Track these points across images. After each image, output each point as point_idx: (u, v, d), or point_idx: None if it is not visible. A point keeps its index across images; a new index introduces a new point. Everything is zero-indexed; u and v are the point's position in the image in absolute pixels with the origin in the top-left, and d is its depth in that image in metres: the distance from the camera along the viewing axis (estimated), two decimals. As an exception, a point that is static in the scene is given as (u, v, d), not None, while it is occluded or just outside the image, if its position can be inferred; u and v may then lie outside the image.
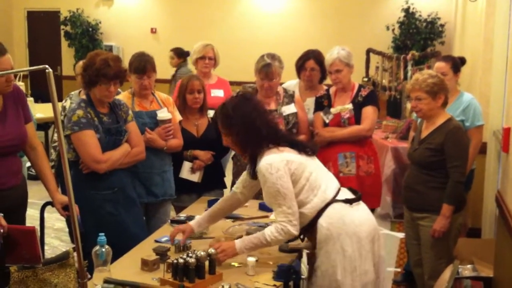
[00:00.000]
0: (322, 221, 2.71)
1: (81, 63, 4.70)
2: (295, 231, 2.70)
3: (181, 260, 2.47)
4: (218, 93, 4.69)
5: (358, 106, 4.05)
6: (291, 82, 4.53)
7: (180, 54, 7.95)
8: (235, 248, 2.74)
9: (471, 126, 3.96)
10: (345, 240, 2.68)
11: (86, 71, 3.27)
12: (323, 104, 4.15)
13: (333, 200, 2.74)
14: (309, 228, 2.77)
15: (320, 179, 2.78)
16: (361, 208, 2.82)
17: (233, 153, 4.25)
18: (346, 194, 2.82)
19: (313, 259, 2.77)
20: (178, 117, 3.93)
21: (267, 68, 3.86)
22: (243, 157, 2.95)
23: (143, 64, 3.71)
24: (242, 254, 2.75)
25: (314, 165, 2.82)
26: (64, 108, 4.60)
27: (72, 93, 4.67)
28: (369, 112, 4.05)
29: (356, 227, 2.70)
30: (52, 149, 4.92)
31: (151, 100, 3.85)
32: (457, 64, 4.13)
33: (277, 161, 2.68)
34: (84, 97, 3.41)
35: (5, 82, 2.90)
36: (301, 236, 2.84)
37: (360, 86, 4.17)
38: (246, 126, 2.75)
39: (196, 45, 4.85)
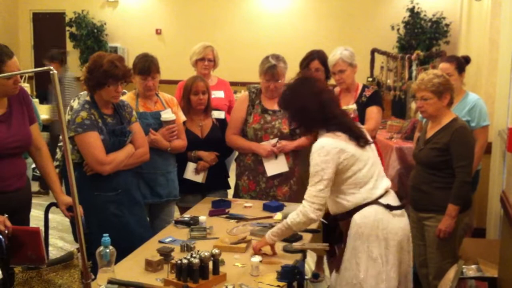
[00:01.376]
0: (357, 217, 2.74)
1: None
2: (314, 215, 2.74)
3: (185, 261, 2.47)
4: (218, 94, 4.68)
5: (362, 106, 4.04)
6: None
7: (53, 58, 6.94)
8: (265, 238, 2.88)
9: (477, 127, 3.94)
10: (374, 243, 2.71)
11: (92, 74, 3.26)
12: None
13: (375, 202, 2.76)
14: (343, 219, 2.81)
15: (369, 177, 2.78)
16: (400, 217, 2.82)
17: (236, 154, 4.25)
18: (391, 199, 2.83)
19: (341, 252, 2.81)
20: (182, 117, 3.94)
21: (273, 70, 3.86)
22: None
23: (147, 65, 3.71)
24: (274, 243, 2.89)
25: (367, 159, 2.79)
26: (71, 108, 4.61)
27: (81, 93, 4.68)
28: (373, 112, 4.04)
29: (387, 233, 2.72)
30: (58, 148, 4.93)
31: (155, 101, 3.86)
32: (462, 64, 4.12)
33: (330, 146, 2.72)
34: (88, 98, 3.41)
35: (12, 84, 2.91)
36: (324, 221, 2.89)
37: (364, 86, 4.16)
38: (303, 105, 2.81)
39: (196, 46, 4.83)
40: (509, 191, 3.31)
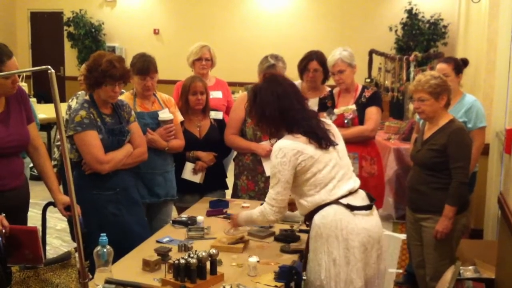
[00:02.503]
0: (316, 218, 2.72)
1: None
2: (273, 218, 2.81)
3: (182, 261, 2.47)
4: (216, 95, 4.68)
5: (361, 107, 4.05)
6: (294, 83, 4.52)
7: None
8: (237, 218, 3.04)
9: (474, 128, 3.95)
10: (333, 244, 2.67)
11: (91, 72, 3.26)
12: (326, 104, 4.15)
13: (335, 202, 2.72)
14: (308, 220, 2.80)
15: (329, 178, 2.74)
16: (365, 217, 2.75)
17: (235, 154, 4.26)
18: (356, 198, 2.77)
19: (306, 254, 2.81)
20: (180, 117, 3.94)
21: (272, 69, 3.86)
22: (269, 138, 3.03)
23: (146, 65, 3.71)
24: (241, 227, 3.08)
25: (328, 161, 2.75)
26: (69, 107, 4.61)
27: (79, 92, 4.68)
28: (372, 112, 4.04)
29: (348, 234, 2.67)
30: (56, 148, 4.93)
31: (153, 101, 3.86)
32: (459, 65, 4.13)
33: (287, 148, 2.71)
34: (87, 97, 3.41)
35: (11, 84, 2.90)
36: (306, 223, 2.88)
37: (364, 87, 4.17)
38: (262, 111, 2.82)
39: (192, 46, 4.81)
40: (507, 193, 3.32)
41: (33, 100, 6.79)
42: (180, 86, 4.38)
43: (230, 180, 4.23)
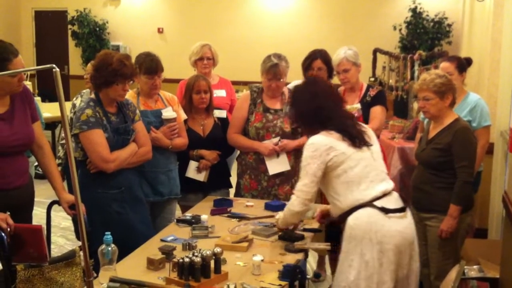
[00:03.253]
0: (350, 220, 2.74)
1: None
2: (297, 207, 2.87)
3: (186, 259, 2.47)
4: (220, 93, 4.68)
5: (366, 106, 4.05)
6: (296, 82, 4.51)
7: None
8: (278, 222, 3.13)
9: (478, 127, 3.94)
10: (367, 246, 2.68)
11: (99, 72, 3.27)
12: None
13: (368, 204, 2.72)
14: (342, 220, 2.80)
15: (362, 176, 2.76)
16: (399, 219, 2.76)
17: (238, 153, 4.26)
18: (390, 201, 2.78)
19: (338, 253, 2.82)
20: (183, 116, 3.94)
21: (275, 69, 3.86)
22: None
23: (154, 65, 3.73)
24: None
25: (361, 159, 2.78)
26: (74, 105, 4.62)
27: (84, 91, 4.69)
28: (377, 112, 4.04)
29: (382, 237, 2.68)
30: (60, 146, 4.94)
31: (156, 99, 3.86)
32: (463, 64, 4.12)
33: (319, 143, 2.78)
34: (92, 96, 3.42)
35: (17, 82, 2.91)
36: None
37: (369, 86, 4.17)
38: (298, 110, 2.97)
39: (193, 46, 4.80)
40: (511, 192, 3.31)
41: (37, 99, 6.80)
42: (184, 84, 4.38)
43: (233, 179, 4.23)
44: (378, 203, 2.73)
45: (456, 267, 2.77)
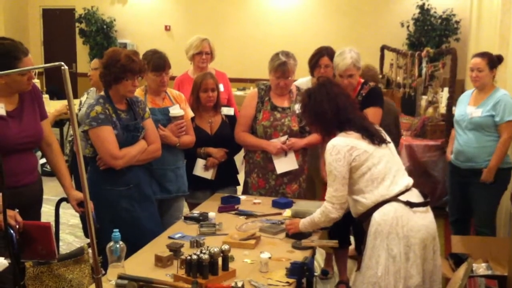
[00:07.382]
0: (376, 215, 2.75)
1: (96, 61, 4.72)
2: (336, 215, 2.85)
3: (194, 257, 2.48)
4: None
5: (359, 104, 3.97)
6: (302, 79, 4.50)
7: None
8: (298, 221, 3.04)
9: (501, 122, 3.96)
10: (394, 241, 2.70)
11: (108, 69, 3.28)
12: None
13: (394, 199, 2.75)
14: (365, 218, 2.81)
15: (385, 173, 2.79)
16: (423, 214, 2.79)
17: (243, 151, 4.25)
18: (412, 195, 2.81)
19: (363, 249, 2.83)
20: (190, 113, 3.95)
21: (283, 67, 3.84)
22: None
23: (162, 62, 3.74)
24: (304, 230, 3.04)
25: (382, 156, 2.82)
26: (80, 102, 4.63)
27: (91, 89, 4.70)
28: (369, 114, 3.91)
29: (409, 231, 2.70)
30: (68, 143, 4.96)
31: (163, 97, 3.87)
32: (493, 60, 4.15)
33: (340, 145, 2.79)
34: (102, 93, 3.43)
35: (26, 80, 2.93)
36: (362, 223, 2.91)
37: (363, 83, 4.05)
38: (316, 111, 2.95)
39: (191, 39, 4.71)
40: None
41: (45, 97, 6.83)
42: (179, 81, 4.36)
43: (241, 176, 4.23)
44: (403, 198, 2.76)
45: (464, 264, 2.77)
